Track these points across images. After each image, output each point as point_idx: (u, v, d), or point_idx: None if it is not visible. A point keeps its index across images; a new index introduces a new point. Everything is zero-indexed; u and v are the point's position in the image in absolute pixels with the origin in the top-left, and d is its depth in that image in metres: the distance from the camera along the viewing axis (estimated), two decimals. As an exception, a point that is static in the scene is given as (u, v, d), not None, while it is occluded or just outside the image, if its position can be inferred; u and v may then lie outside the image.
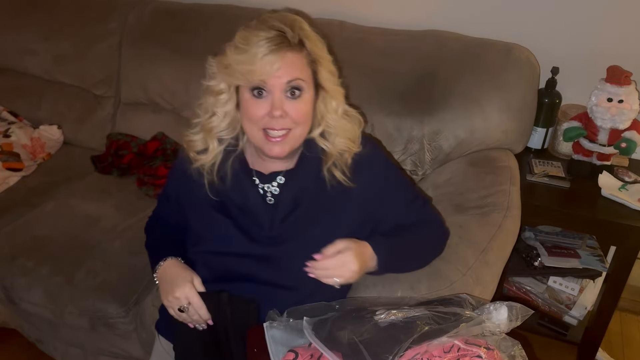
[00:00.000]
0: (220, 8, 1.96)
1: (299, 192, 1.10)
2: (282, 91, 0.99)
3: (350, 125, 1.10)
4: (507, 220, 1.33)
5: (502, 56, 1.61)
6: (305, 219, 1.09)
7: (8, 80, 2.28)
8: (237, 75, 0.98)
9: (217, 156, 1.10)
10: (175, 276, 1.09)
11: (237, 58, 0.97)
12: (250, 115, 1.01)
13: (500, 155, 1.58)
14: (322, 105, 1.07)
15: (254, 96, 1.00)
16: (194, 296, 1.05)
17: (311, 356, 0.90)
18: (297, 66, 0.99)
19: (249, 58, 0.96)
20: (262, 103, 0.99)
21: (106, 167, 1.99)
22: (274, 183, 1.11)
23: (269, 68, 0.95)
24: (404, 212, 1.16)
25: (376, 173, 1.13)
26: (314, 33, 1.03)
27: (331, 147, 1.08)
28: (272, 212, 1.10)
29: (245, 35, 0.98)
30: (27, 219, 1.73)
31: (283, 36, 0.97)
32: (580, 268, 1.71)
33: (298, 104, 1.01)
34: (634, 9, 1.62)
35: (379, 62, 1.69)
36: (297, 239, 1.08)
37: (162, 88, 1.98)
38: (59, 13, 2.17)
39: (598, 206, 1.57)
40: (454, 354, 0.83)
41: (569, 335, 1.83)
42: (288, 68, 0.97)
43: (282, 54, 0.96)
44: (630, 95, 1.56)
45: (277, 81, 0.98)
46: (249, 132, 1.04)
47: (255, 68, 0.96)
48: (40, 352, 1.80)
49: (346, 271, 0.98)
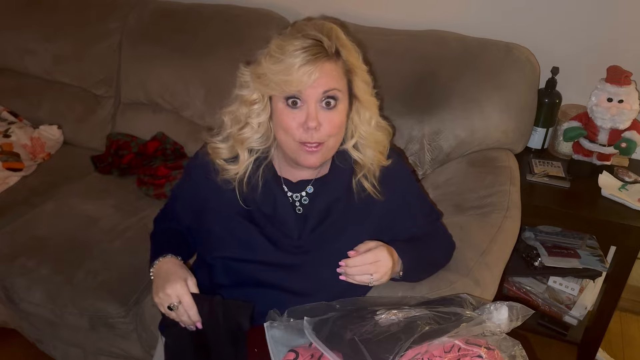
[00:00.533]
0: (220, 8, 1.96)
1: (329, 204, 1.09)
2: (317, 101, 0.97)
3: (382, 137, 1.09)
4: (507, 220, 1.33)
5: (502, 56, 1.61)
6: (333, 230, 1.08)
7: (8, 80, 2.28)
8: (272, 85, 0.96)
9: (247, 166, 1.07)
10: (170, 273, 1.06)
11: (272, 68, 0.95)
12: (285, 125, 0.98)
13: (500, 155, 1.59)
14: (356, 116, 1.05)
15: (289, 106, 0.97)
16: (185, 295, 1.02)
17: (311, 356, 0.90)
18: (334, 76, 0.97)
19: (286, 68, 0.93)
20: (297, 113, 0.97)
21: (106, 167, 1.99)
22: (303, 193, 1.10)
23: (306, 78, 0.93)
24: (421, 225, 1.17)
25: (401, 187, 1.14)
26: (350, 42, 1.01)
27: (363, 159, 1.08)
28: (301, 221, 1.08)
29: (281, 44, 0.95)
30: (27, 219, 1.73)
31: (320, 45, 0.95)
32: (580, 268, 1.71)
33: (332, 114, 0.99)
34: (634, 9, 1.63)
35: (379, 62, 1.68)
36: (323, 249, 1.08)
37: (162, 88, 1.98)
38: (59, 13, 2.17)
39: (598, 206, 1.57)
40: (455, 354, 0.83)
41: (569, 335, 1.83)
42: (325, 78, 0.95)
43: (320, 64, 0.94)
44: (630, 95, 1.56)
45: (313, 91, 0.95)
46: (284, 142, 1.02)
47: (291, 78, 0.93)
48: (40, 352, 1.80)
49: (381, 267, 0.98)
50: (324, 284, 1.05)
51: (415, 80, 1.64)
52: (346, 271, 0.97)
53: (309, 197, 1.10)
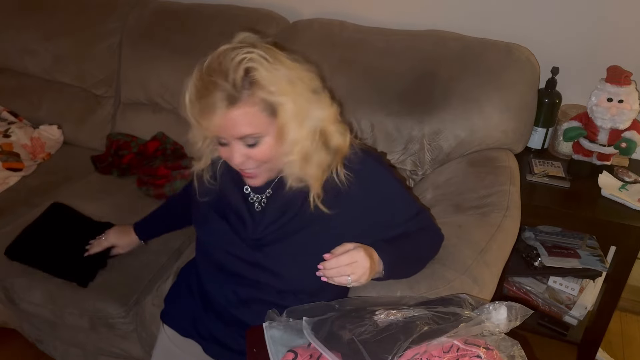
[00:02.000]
0: (220, 8, 1.96)
1: (283, 206, 1.10)
2: (238, 141, 0.96)
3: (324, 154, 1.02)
4: (506, 220, 1.33)
5: (502, 56, 1.61)
6: (288, 228, 1.10)
7: (8, 80, 2.28)
8: (194, 124, 0.97)
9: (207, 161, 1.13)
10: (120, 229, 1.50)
11: (192, 111, 0.95)
12: (222, 157, 1.04)
13: (500, 155, 1.58)
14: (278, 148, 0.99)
15: (219, 144, 1.00)
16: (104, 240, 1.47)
17: (310, 356, 0.90)
18: (244, 122, 0.93)
19: (192, 115, 0.95)
20: (227, 149, 0.99)
21: (106, 167, 1.99)
22: (263, 195, 1.13)
23: (214, 128, 0.94)
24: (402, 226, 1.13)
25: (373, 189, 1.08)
26: (271, 66, 0.92)
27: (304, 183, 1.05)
28: (259, 217, 1.12)
29: (192, 83, 0.93)
30: (27, 218, 1.72)
31: (221, 91, 0.90)
32: (580, 268, 1.71)
33: (256, 151, 0.98)
34: (634, 9, 1.62)
35: (379, 62, 1.69)
36: (280, 244, 1.10)
37: (162, 88, 1.99)
38: (59, 13, 2.17)
39: (598, 206, 1.57)
40: (454, 354, 0.83)
41: (569, 335, 1.83)
42: (233, 128, 0.93)
43: (222, 113, 0.91)
44: (630, 95, 1.56)
45: (230, 135, 0.96)
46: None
47: (205, 125, 0.94)
48: (40, 352, 1.80)
49: (358, 267, 0.96)
50: (283, 278, 1.10)
51: (415, 80, 1.64)
52: (324, 273, 0.97)
53: (267, 199, 1.12)
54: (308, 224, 1.08)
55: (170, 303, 1.30)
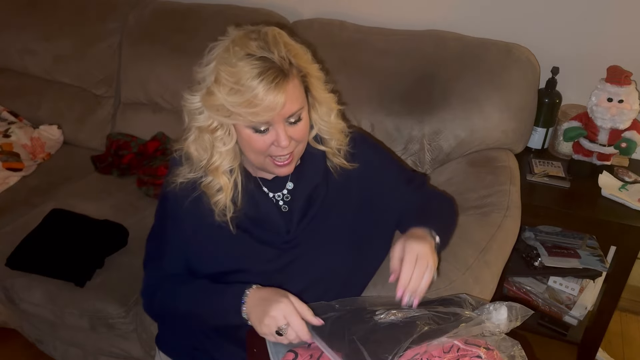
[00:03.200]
0: (220, 8, 1.96)
1: (309, 194, 1.09)
2: (284, 122, 0.94)
3: (341, 124, 1.08)
4: (507, 220, 1.33)
5: (502, 56, 1.61)
6: (318, 218, 1.09)
7: (8, 80, 2.28)
8: (235, 116, 0.91)
9: (232, 189, 1.03)
10: (267, 296, 0.95)
11: (230, 100, 0.89)
12: (256, 148, 0.96)
13: (500, 155, 1.58)
14: (315, 114, 1.03)
15: (257, 132, 0.94)
16: (291, 314, 0.91)
17: (311, 356, 0.90)
18: (296, 95, 0.93)
19: (247, 100, 0.88)
20: (266, 136, 0.95)
21: (106, 167, 1.99)
22: (284, 191, 1.09)
23: (273, 107, 0.89)
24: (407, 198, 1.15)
25: (371, 157, 1.15)
26: (296, 44, 0.96)
27: (328, 149, 1.08)
28: (287, 218, 1.08)
29: (231, 71, 0.89)
30: (27, 219, 1.73)
31: (274, 66, 0.89)
32: (580, 268, 1.71)
33: (299, 126, 0.97)
34: (634, 9, 1.62)
35: (379, 62, 1.69)
36: (312, 238, 1.08)
37: (162, 88, 1.98)
38: (59, 13, 2.17)
39: (598, 206, 1.57)
40: (454, 354, 0.83)
41: (569, 335, 1.83)
42: (289, 101, 0.91)
43: (283, 87, 0.89)
44: (630, 95, 1.56)
45: (280, 117, 0.93)
46: (254, 159, 1.00)
47: (257, 110, 0.89)
48: (40, 352, 1.80)
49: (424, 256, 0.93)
50: (318, 273, 1.06)
51: (415, 80, 1.64)
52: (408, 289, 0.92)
53: (290, 194, 1.09)
54: (331, 207, 1.09)
55: (165, 327, 1.25)
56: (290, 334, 0.91)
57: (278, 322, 0.90)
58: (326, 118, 1.04)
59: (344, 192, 1.11)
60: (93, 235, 1.59)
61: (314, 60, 1.00)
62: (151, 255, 1.15)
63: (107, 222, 1.65)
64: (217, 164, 1.00)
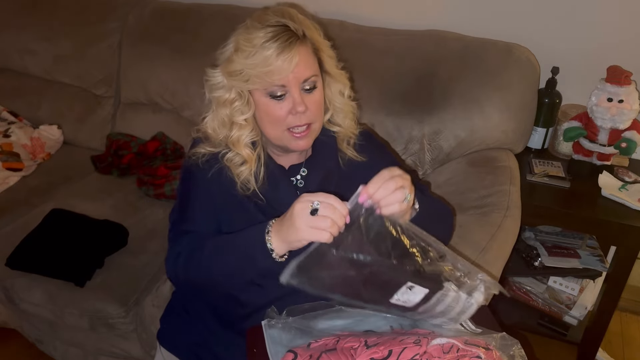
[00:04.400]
0: (220, 8, 1.96)
1: (321, 180, 1.12)
2: (299, 88, 0.99)
3: (354, 106, 1.14)
4: (507, 220, 1.33)
5: (502, 56, 1.61)
6: None
7: (8, 80, 2.28)
8: (253, 79, 0.97)
9: (255, 161, 1.06)
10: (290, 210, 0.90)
11: (248, 62, 0.96)
12: (274, 117, 1.01)
13: (500, 155, 1.58)
14: (329, 91, 1.09)
15: (274, 98, 0.99)
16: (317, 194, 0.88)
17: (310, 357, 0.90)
18: (309, 61, 1.00)
19: (264, 59, 0.95)
20: (283, 103, 1.00)
21: (106, 167, 1.99)
22: (298, 176, 1.13)
23: (287, 65, 0.95)
24: None
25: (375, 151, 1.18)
26: (310, 21, 1.03)
27: (342, 129, 1.12)
28: None
29: (248, 37, 0.96)
30: (27, 219, 1.73)
31: (289, 30, 0.97)
32: (580, 268, 1.71)
33: (314, 95, 1.02)
34: (634, 9, 1.62)
35: (379, 62, 1.69)
36: None
37: (162, 88, 1.98)
38: (59, 13, 2.17)
39: (598, 206, 1.57)
40: (454, 355, 0.83)
41: (569, 335, 1.83)
42: (303, 64, 0.97)
43: (296, 48, 0.96)
44: (630, 95, 1.56)
45: (295, 80, 0.98)
46: (272, 133, 1.04)
47: (272, 68, 0.95)
48: (40, 352, 1.80)
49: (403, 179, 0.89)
50: None
51: (415, 80, 1.64)
52: (373, 198, 0.86)
53: (304, 180, 1.13)
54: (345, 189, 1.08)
55: (167, 323, 1.26)
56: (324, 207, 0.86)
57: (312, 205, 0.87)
58: (339, 95, 1.10)
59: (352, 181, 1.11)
60: (93, 235, 1.59)
61: (325, 37, 1.05)
62: (177, 223, 1.11)
63: (107, 222, 1.65)
64: (237, 135, 1.04)
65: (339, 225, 0.86)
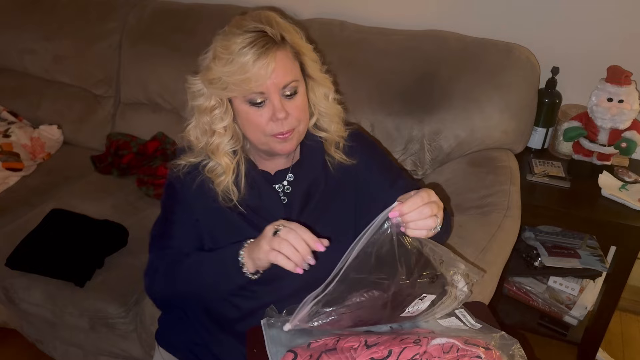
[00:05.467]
0: (220, 8, 1.97)
1: (309, 186, 1.11)
2: (279, 94, 0.97)
3: (340, 109, 1.11)
4: (507, 220, 1.33)
5: (502, 56, 1.61)
6: (317, 211, 1.10)
7: (8, 80, 2.28)
8: (231, 87, 0.96)
9: (234, 171, 1.06)
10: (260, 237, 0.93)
11: (225, 70, 0.94)
12: (255, 124, 0.99)
13: (501, 155, 1.58)
14: (313, 95, 1.07)
15: (253, 106, 0.98)
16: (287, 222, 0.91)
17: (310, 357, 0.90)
18: (288, 66, 0.98)
19: (240, 67, 0.93)
20: (263, 110, 0.98)
21: (106, 167, 1.99)
22: (285, 182, 1.11)
23: (264, 72, 0.93)
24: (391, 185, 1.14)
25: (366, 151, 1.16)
26: (290, 24, 1.01)
27: (328, 134, 1.11)
28: (287, 210, 1.10)
29: (226, 44, 0.95)
30: (27, 219, 1.73)
31: (266, 35, 0.94)
32: (580, 268, 1.71)
33: (296, 100, 1.00)
34: (634, 9, 1.62)
35: (379, 62, 1.69)
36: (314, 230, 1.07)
37: (162, 88, 1.98)
38: (59, 13, 2.17)
39: (598, 206, 1.57)
40: (453, 355, 0.83)
41: (569, 335, 1.83)
42: (281, 69, 0.95)
43: (272, 54, 0.94)
44: (630, 95, 1.56)
45: (273, 84, 0.96)
46: (255, 140, 1.03)
47: (249, 75, 0.93)
48: (40, 352, 1.80)
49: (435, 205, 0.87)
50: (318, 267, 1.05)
51: (415, 80, 1.64)
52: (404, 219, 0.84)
53: (290, 185, 1.11)
54: (330, 201, 1.10)
55: (165, 324, 1.25)
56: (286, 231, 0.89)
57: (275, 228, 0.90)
58: (324, 99, 1.07)
59: (341, 186, 1.13)
60: (93, 235, 1.59)
61: (307, 41, 1.03)
62: (157, 238, 1.13)
63: (107, 222, 1.65)
64: (216, 143, 1.03)
65: (300, 250, 0.88)
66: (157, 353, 1.26)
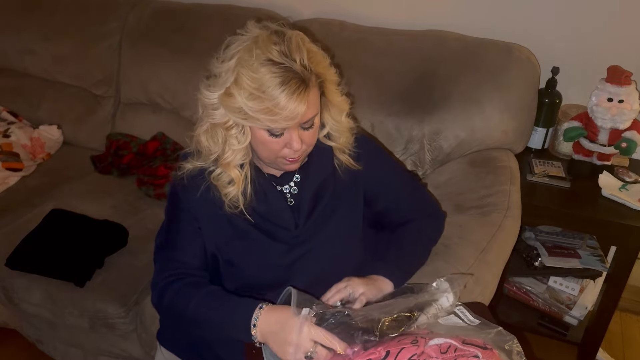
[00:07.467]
0: (220, 8, 1.96)
1: (317, 188, 1.10)
2: (296, 127, 0.95)
3: (351, 123, 1.10)
4: (507, 220, 1.33)
5: (502, 56, 1.61)
6: (326, 213, 1.10)
7: (8, 80, 2.28)
8: (254, 120, 0.92)
9: (243, 181, 1.04)
10: (283, 319, 0.91)
11: (251, 105, 0.89)
12: (269, 148, 0.97)
13: (501, 155, 1.58)
14: (327, 114, 1.05)
15: (272, 135, 0.95)
16: (317, 335, 0.89)
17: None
18: (315, 103, 0.95)
19: (268, 108, 0.89)
20: (280, 139, 0.96)
21: (106, 167, 1.99)
22: (291, 183, 1.10)
23: (294, 116, 0.90)
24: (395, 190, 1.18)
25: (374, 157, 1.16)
26: (318, 50, 0.97)
27: (337, 145, 1.10)
28: (295, 212, 1.09)
29: (253, 77, 0.88)
30: (27, 219, 1.73)
31: (297, 77, 0.89)
32: (580, 268, 1.71)
33: (311, 131, 0.99)
34: (633, 9, 1.62)
35: (379, 62, 1.69)
36: (320, 233, 1.09)
37: (162, 88, 1.98)
38: (59, 13, 2.17)
39: (598, 206, 1.57)
40: (451, 354, 0.83)
41: (569, 335, 1.83)
42: (309, 111, 0.93)
43: (305, 99, 0.90)
44: (630, 95, 1.55)
45: (300, 120, 0.93)
46: (265, 158, 1.01)
47: (277, 118, 0.90)
48: (40, 352, 1.80)
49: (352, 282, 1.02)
50: (327, 269, 1.08)
51: (415, 80, 1.64)
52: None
53: (297, 187, 1.10)
54: (338, 203, 1.11)
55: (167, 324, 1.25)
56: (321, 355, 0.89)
57: (306, 349, 0.88)
58: (337, 118, 1.06)
59: (350, 189, 1.12)
60: (93, 235, 1.59)
61: (332, 64, 1.00)
62: (162, 248, 1.12)
63: (107, 222, 1.65)
64: (229, 160, 1.00)
65: None
66: (159, 352, 1.26)
